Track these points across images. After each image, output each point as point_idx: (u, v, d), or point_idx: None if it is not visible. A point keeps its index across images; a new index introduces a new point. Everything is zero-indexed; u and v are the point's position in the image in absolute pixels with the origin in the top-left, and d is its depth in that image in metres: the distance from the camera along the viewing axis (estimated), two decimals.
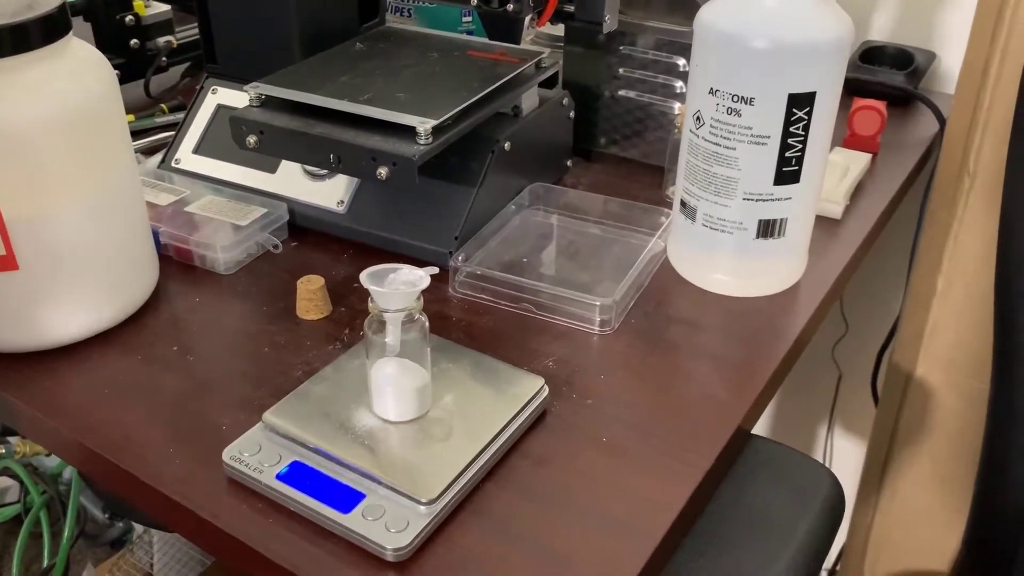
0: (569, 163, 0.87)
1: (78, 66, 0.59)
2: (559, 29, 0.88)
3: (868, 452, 1.08)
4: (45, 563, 1.37)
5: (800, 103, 0.61)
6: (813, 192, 0.66)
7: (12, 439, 1.41)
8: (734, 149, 0.63)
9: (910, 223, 0.98)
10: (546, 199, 0.81)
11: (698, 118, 0.65)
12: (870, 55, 1.03)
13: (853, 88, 0.94)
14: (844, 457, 1.32)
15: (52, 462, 1.44)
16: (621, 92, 0.86)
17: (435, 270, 0.53)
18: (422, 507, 0.49)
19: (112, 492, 0.59)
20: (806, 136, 0.63)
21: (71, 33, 0.59)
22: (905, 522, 1.03)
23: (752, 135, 0.62)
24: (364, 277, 0.51)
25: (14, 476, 1.45)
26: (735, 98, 0.62)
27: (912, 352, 0.96)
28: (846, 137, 0.90)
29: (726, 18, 0.62)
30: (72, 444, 0.57)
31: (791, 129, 0.62)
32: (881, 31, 1.08)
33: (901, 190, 0.87)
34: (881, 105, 0.89)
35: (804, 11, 0.61)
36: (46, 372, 0.62)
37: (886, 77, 0.99)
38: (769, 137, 0.62)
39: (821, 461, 0.66)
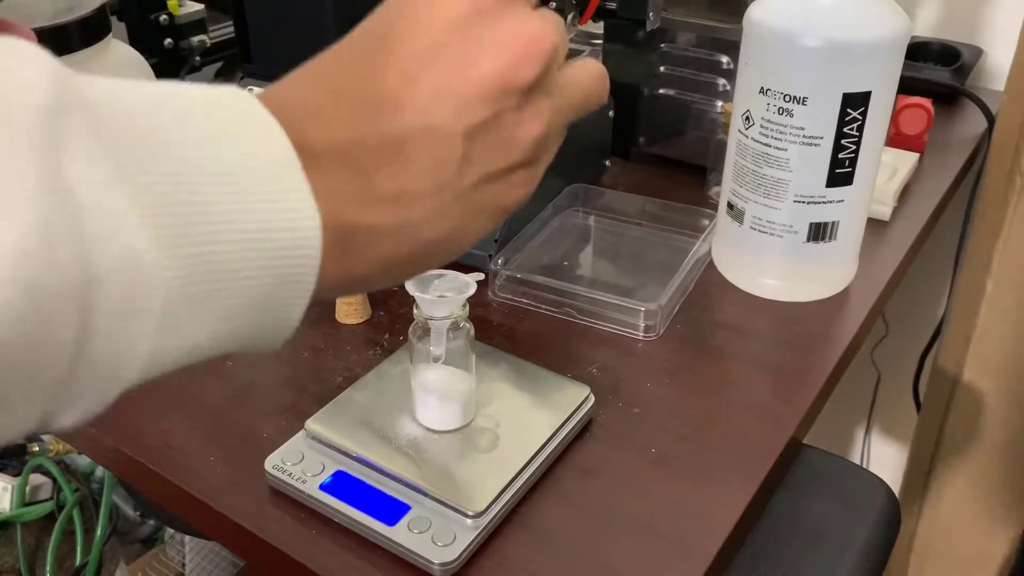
0: (607, 163, 0.86)
1: (118, 67, 0.58)
2: (597, 26, 0.87)
3: (910, 458, 1.06)
4: (78, 561, 1.38)
5: (855, 103, 0.59)
6: (866, 194, 0.64)
7: (45, 437, 1.42)
8: (785, 150, 0.61)
9: (953, 223, 0.96)
10: (585, 200, 0.79)
11: (747, 118, 0.63)
12: (914, 51, 1.01)
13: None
14: (882, 461, 1.29)
15: (84, 460, 1.45)
16: (661, 90, 0.85)
17: (481, 276, 0.52)
18: (469, 520, 0.48)
19: (152, 499, 0.58)
20: (860, 137, 0.61)
21: (111, 34, 0.58)
22: (950, 530, 1.01)
23: (804, 136, 0.60)
24: (410, 284, 0.50)
25: (47, 474, 1.46)
26: (787, 98, 0.60)
27: (959, 355, 0.93)
28: (891, 136, 0.88)
29: (777, 15, 0.60)
30: (112, 451, 0.57)
31: (844, 130, 0.60)
32: (925, 26, 1.05)
33: (950, 190, 0.85)
34: (927, 103, 0.86)
35: (859, 7, 0.59)
36: None
37: (932, 74, 0.96)
38: (822, 138, 0.60)
39: (860, 465, 0.64)
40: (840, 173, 0.62)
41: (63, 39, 0.54)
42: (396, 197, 0.28)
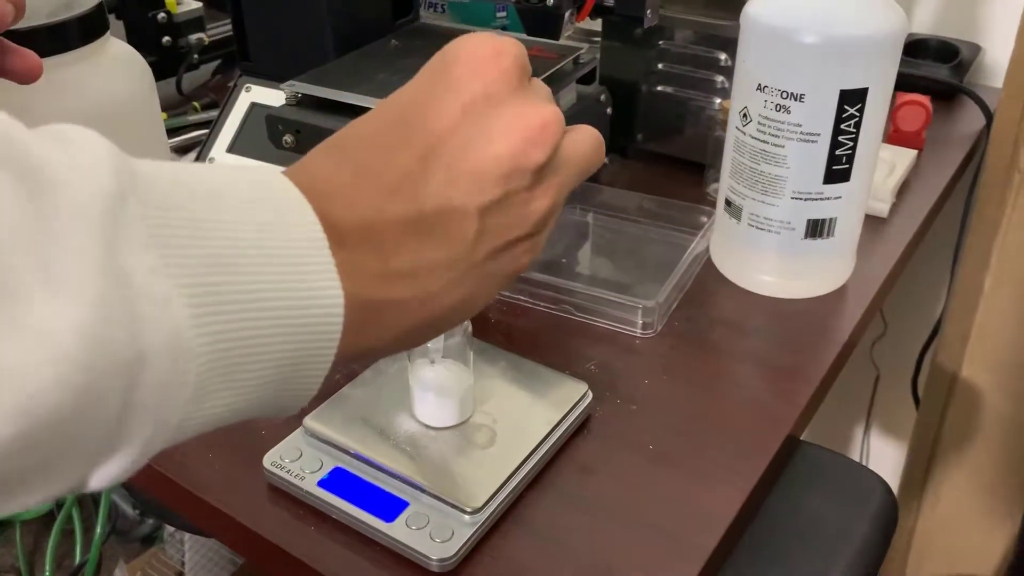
0: (605, 160, 0.86)
1: (115, 65, 0.58)
2: (594, 24, 0.87)
3: (909, 455, 1.06)
4: (77, 559, 1.38)
5: (852, 99, 0.59)
6: (863, 191, 0.65)
7: None
8: (782, 147, 0.61)
9: (952, 220, 0.96)
10: (583, 197, 0.79)
11: (745, 115, 0.63)
12: (913, 48, 1.01)
13: (896, 82, 0.92)
14: (881, 458, 1.29)
15: None
16: (659, 87, 0.85)
17: None
18: (467, 516, 0.48)
19: (150, 496, 0.58)
20: (857, 133, 0.61)
21: (108, 32, 0.58)
22: (949, 527, 1.01)
23: (802, 132, 0.60)
24: None
25: None
26: (784, 94, 0.60)
27: (957, 353, 0.93)
28: (890, 133, 0.88)
29: (775, 12, 0.60)
30: None
31: (842, 126, 0.60)
32: (924, 23, 1.05)
33: (948, 187, 0.85)
34: (925, 100, 0.86)
35: (856, 4, 0.59)
36: None
37: (930, 71, 0.96)
38: (819, 135, 0.60)
39: (857, 461, 0.64)
40: (838, 170, 0.62)
41: (61, 37, 0.54)
42: (414, 272, 0.30)
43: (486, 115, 0.30)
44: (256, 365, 0.26)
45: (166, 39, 0.99)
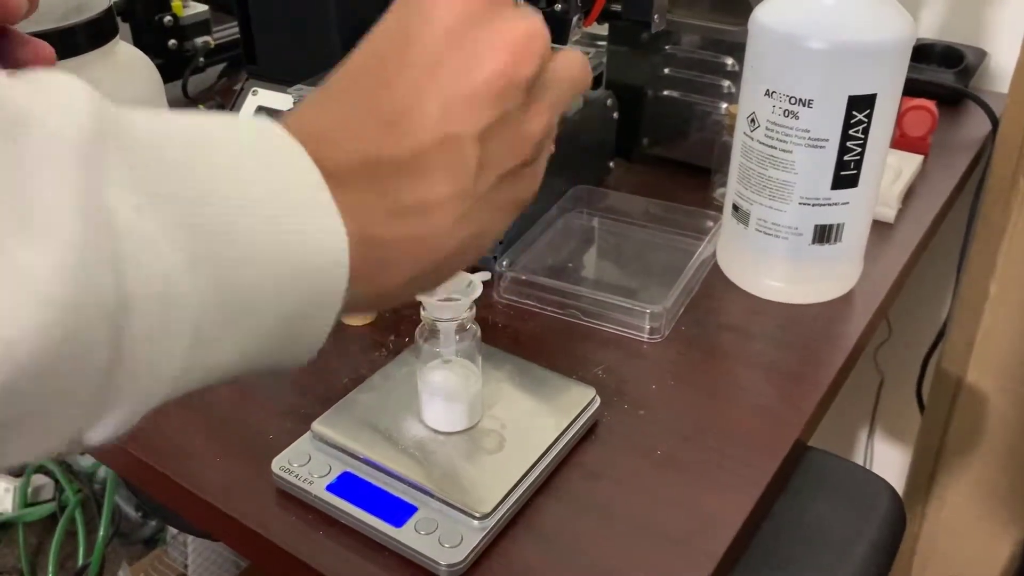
0: (612, 165, 0.86)
1: (125, 68, 0.58)
2: (601, 28, 0.87)
3: (914, 460, 1.06)
4: (80, 561, 1.38)
5: (860, 105, 0.59)
6: (871, 197, 0.65)
7: None
8: (790, 152, 0.61)
9: (957, 225, 0.96)
10: (589, 202, 0.79)
11: (752, 120, 0.63)
12: (918, 53, 1.00)
13: None
14: (886, 463, 1.29)
15: (87, 461, 1.45)
16: (666, 92, 0.85)
17: (487, 275, 0.52)
18: (476, 521, 0.48)
19: (157, 500, 0.58)
20: (865, 139, 0.61)
21: (118, 36, 0.58)
22: (953, 532, 1.01)
23: (810, 138, 0.60)
24: None
25: (49, 474, 1.46)
26: (792, 100, 0.60)
27: (962, 358, 0.93)
28: (895, 138, 0.87)
29: (783, 18, 0.60)
30: (117, 451, 0.57)
31: (850, 132, 0.60)
32: (929, 29, 1.05)
33: (954, 192, 0.85)
34: (931, 105, 0.86)
35: (864, 10, 0.59)
36: None
37: (935, 76, 0.96)
38: (827, 140, 0.60)
39: (864, 467, 0.64)
40: (845, 175, 0.62)
41: (71, 41, 0.54)
42: (419, 208, 0.29)
43: (468, 35, 0.29)
44: (260, 311, 0.25)
45: (172, 42, 0.99)
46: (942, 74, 0.96)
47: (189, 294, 0.23)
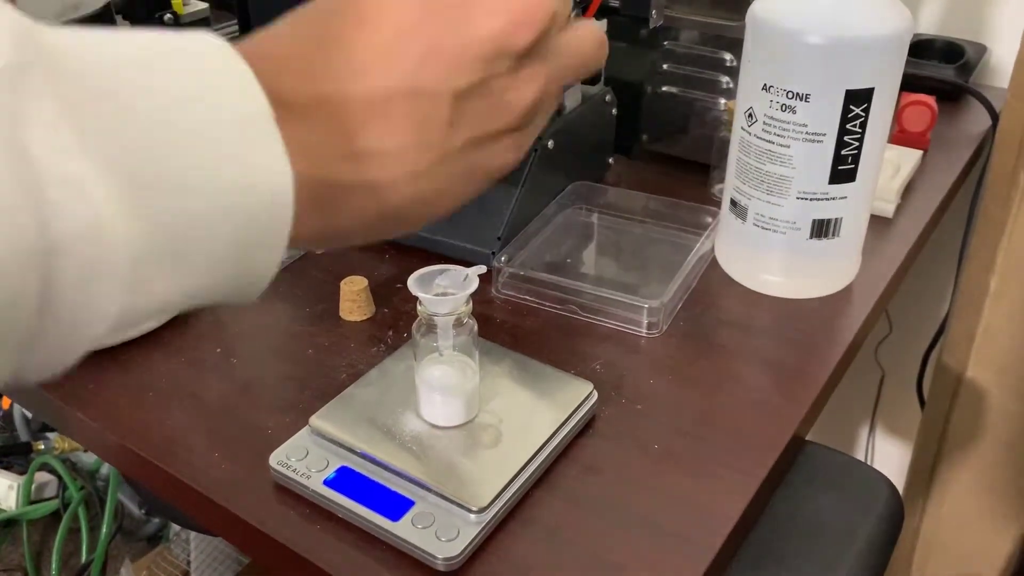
0: (611, 160, 0.86)
1: None
2: (600, 24, 0.87)
3: (914, 455, 1.06)
4: (83, 558, 1.38)
5: (857, 100, 0.59)
6: (869, 191, 0.64)
7: (51, 435, 1.43)
8: (788, 147, 0.61)
9: (957, 220, 0.95)
10: (588, 197, 0.79)
11: (750, 115, 0.63)
12: (918, 48, 1.00)
13: (901, 82, 0.92)
14: (886, 458, 1.29)
15: (90, 458, 1.45)
16: (664, 88, 0.85)
17: (483, 269, 0.52)
18: (472, 515, 0.48)
19: (157, 495, 0.58)
20: (863, 134, 0.61)
21: None
22: (954, 527, 1.01)
23: (807, 133, 0.60)
24: (412, 282, 0.50)
25: (53, 472, 1.46)
26: (790, 95, 0.60)
27: (963, 353, 0.93)
28: (895, 133, 0.88)
29: (781, 13, 0.60)
30: (116, 447, 0.57)
31: (848, 127, 0.60)
32: (929, 24, 1.05)
33: (953, 187, 0.85)
34: (931, 100, 0.86)
35: (862, 4, 0.59)
36: (90, 375, 0.61)
37: (935, 71, 0.96)
38: (825, 135, 0.60)
39: (863, 462, 0.64)
40: (843, 170, 0.62)
41: None
42: (377, 154, 0.28)
43: None
44: (199, 251, 0.24)
45: None
46: (942, 69, 0.96)
47: (122, 234, 0.22)
